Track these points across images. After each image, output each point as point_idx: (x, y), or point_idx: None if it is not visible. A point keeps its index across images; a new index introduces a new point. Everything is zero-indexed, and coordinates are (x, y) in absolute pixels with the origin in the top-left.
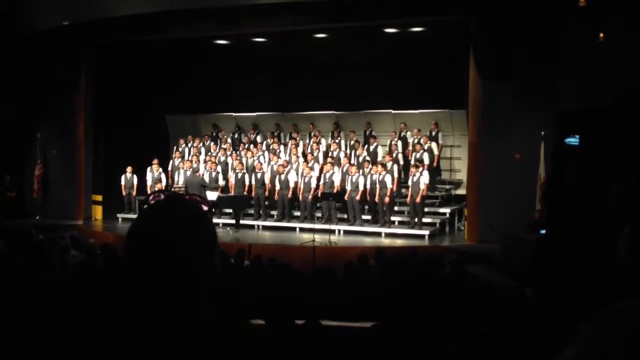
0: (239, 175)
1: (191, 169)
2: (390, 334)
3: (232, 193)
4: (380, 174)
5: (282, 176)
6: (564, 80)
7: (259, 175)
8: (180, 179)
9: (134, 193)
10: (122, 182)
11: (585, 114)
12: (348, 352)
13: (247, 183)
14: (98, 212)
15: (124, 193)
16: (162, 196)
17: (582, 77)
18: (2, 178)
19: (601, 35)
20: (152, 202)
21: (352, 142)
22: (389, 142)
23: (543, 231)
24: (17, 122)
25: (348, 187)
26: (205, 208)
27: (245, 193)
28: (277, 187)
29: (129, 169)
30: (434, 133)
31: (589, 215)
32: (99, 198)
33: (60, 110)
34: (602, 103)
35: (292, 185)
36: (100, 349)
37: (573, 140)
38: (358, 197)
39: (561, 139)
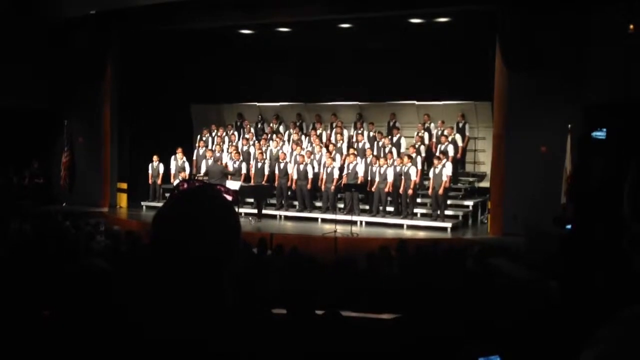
0: (259, 165)
1: (211, 157)
2: (411, 327)
3: (253, 183)
4: (405, 166)
5: (301, 167)
6: (593, 73)
7: (281, 165)
8: (202, 168)
9: (159, 181)
10: (149, 171)
11: (613, 107)
12: (368, 343)
13: (266, 173)
14: (123, 199)
15: (150, 181)
16: (187, 185)
17: (612, 70)
18: (30, 165)
19: (631, 27)
20: (180, 190)
21: (373, 134)
22: (415, 133)
23: (569, 226)
24: (46, 110)
25: (376, 179)
26: (229, 198)
27: (264, 183)
28: (295, 177)
29: (155, 157)
30: (460, 125)
31: (615, 211)
32: (124, 186)
33: (87, 99)
34: (631, 96)
35: (310, 176)
36: (117, 345)
37: (600, 134)
38: (386, 189)
39: (588, 132)
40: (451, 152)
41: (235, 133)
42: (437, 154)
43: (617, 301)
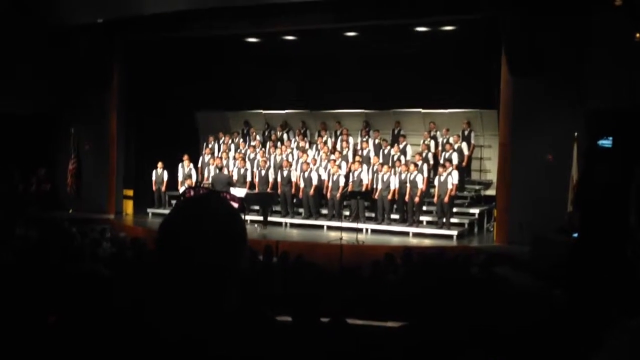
0: (263, 172)
1: (215, 166)
2: (416, 334)
3: (257, 190)
4: (411, 174)
5: (306, 174)
6: (598, 79)
7: (284, 173)
8: (209, 176)
9: (164, 188)
10: (153, 178)
11: (619, 114)
12: (373, 350)
13: (270, 180)
14: (129, 206)
15: (154, 188)
16: (194, 192)
17: (616, 76)
18: (37, 171)
19: (637, 35)
20: (187, 197)
21: (378, 141)
22: (421, 141)
23: (575, 234)
24: (52, 116)
25: (379, 186)
26: (235, 205)
27: (269, 190)
28: (302, 185)
29: (159, 164)
30: (466, 132)
31: (621, 219)
32: (130, 193)
33: (93, 106)
34: (636, 103)
35: (315, 183)
36: (118, 346)
37: (606, 143)
38: (389, 197)
39: (593, 140)
40: (455, 160)
41: (241, 141)
42: (442, 161)
43: (622, 309)
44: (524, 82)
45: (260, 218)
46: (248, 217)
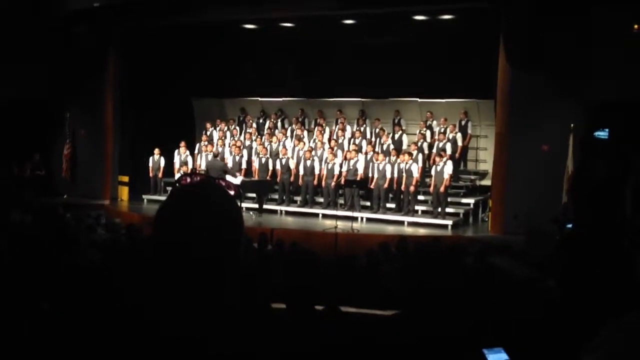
0: (263, 160)
1: (212, 153)
2: (411, 322)
3: (256, 178)
4: (406, 163)
5: (308, 162)
6: (596, 71)
7: (283, 160)
8: (203, 163)
9: (160, 175)
10: (150, 164)
11: (616, 106)
12: (367, 339)
13: (270, 168)
14: (124, 192)
15: (150, 175)
16: (190, 179)
17: (615, 69)
18: (32, 157)
19: (635, 26)
20: (182, 184)
21: (377, 130)
22: (418, 131)
23: (569, 225)
24: (48, 102)
25: (375, 175)
26: (232, 193)
27: (269, 178)
28: (302, 173)
29: (156, 150)
30: (463, 122)
31: (617, 209)
32: (126, 179)
33: (89, 92)
34: (633, 95)
35: (317, 171)
36: (116, 342)
37: (602, 134)
38: (386, 185)
39: (590, 132)
40: (449, 151)
41: (237, 128)
42: (436, 151)
43: (617, 301)
44: (522, 72)
45: (256, 205)
46: (244, 205)
